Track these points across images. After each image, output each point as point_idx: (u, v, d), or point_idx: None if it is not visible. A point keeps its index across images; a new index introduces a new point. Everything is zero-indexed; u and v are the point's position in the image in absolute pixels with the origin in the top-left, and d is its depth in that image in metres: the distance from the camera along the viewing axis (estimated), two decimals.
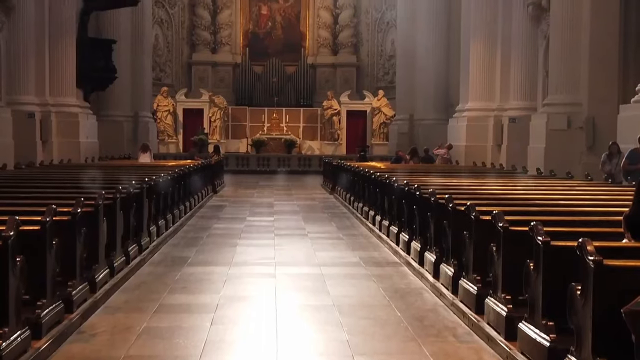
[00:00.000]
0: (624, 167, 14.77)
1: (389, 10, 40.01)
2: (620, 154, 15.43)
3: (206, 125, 38.45)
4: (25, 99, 22.25)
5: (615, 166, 15.46)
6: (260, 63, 41.73)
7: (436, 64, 32.88)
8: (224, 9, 41.56)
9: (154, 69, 37.87)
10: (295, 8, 42.49)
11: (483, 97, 25.33)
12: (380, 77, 41.12)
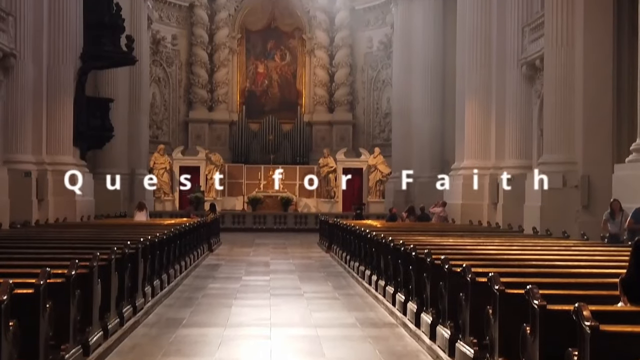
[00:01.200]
0: (629, 226, 14.42)
1: (384, 69, 40.44)
2: (622, 211, 15.10)
3: (202, 182, 38.53)
4: (22, 157, 22.29)
5: (620, 225, 15.03)
6: (257, 121, 41.97)
7: (432, 121, 33.16)
8: (221, 68, 41.94)
9: (151, 127, 38.09)
10: (292, 66, 42.90)
11: (478, 155, 25.42)
12: (376, 135, 41.34)
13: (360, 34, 41.94)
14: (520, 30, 23.59)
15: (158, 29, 39.28)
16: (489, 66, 24.92)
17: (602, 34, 19.17)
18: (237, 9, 42.33)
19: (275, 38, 42.73)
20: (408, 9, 34.74)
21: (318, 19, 41.91)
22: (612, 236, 15.00)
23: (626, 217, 14.69)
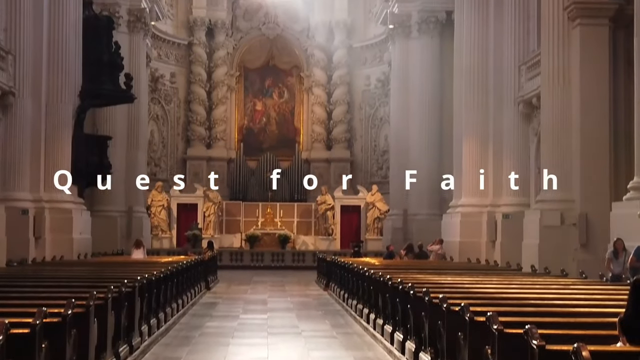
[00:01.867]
0: (631, 265, 14.30)
1: (382, 107, 40.61)
2: (625, 251, 14.98)
3: (200, 220, 38.48)
4: (20, 195, 22.30)
5: (623, 265, 14.88)
6: (255, 158, 42.05)
7: (429, 159, 33.25)
8: (219, 105, 42.10)
9: (149, 164, 38.12)
10: (290, 104, 43.08)
11: (476, 193, 25.44)
12: (374, 172, 41.39)
13: (357, 72, 42.17)
14: (517, 69, 23.75)
15: (157, 66, 39.50)
16: (486, 104, 25.05)
17: (598, 71, 19.31)
18: (235, 48, 42.60)
19: (274, 76, 42.96)
20: (405, 47, 34.98)
21: (316, 57, 42.17)
22: (616, 276, 14.87)
23: (629, 256, 14.60)
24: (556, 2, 19.74)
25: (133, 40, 33.15)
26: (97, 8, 29.00)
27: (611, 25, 19.34)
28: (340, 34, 41.83)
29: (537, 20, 22.12)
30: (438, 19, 33.70)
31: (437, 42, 33.79)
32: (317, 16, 41.86)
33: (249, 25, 42.61)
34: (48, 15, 23.59)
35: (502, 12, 24.54)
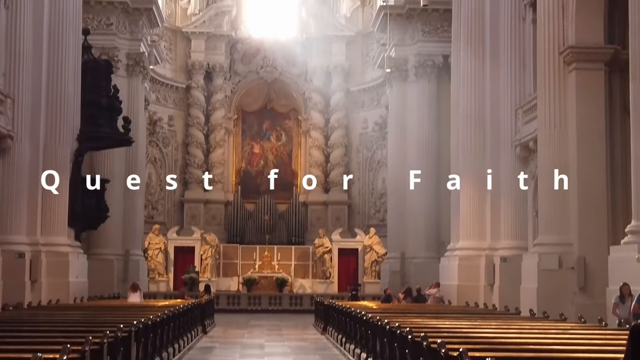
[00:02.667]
0: (634, 312, 14.13)
1: (379, 149, 40.72)
2: (632, 296, 14.75)
3: (197, 263, 38.36)
4: (16, 238, 22.23)
5: (629, 310, 14.64)
6: (252, 201, 42.04)
7: (427, 202, 33.28)
8: (217, 148, 42.20)
9: (146, 207, 38.10)
10: (287, 147, 43.20)
11: (474, 236, 25.41)
12: (371, 215, 41.36)
13: (355, 115, 42.37)
14: (513, 112, 23.85)
15: (155, 110, 39.66)
16: (483, 147, 25.12)
17: (595, 115, 19.39)
18: (233, 91, 42.84)
19: (271, 119, 43.13)
20: (402, 91, 35.20)
21: (313, 100, 42.39)
22: (622, 322, 14.68)
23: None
24: (552, 46, 19.88)
25: (132, 84, 33.37)
26: (96, 52, 29.21)
27: (607, 69, 19.47)
28: (338, 78, 42.10)
29: (533, 64, 22.27)
30: (435, 63, 33.98)
31: (434, 86, 34.03)
32: (315, 60, 42.16)
33: (247, 68, 42.90)
34: (47, 59, 23.72)
35: (498, 56, 24.72)
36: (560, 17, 19.80)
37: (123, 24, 33.32)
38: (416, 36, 34.33)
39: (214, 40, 42.14)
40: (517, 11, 24.00)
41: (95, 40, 29.50)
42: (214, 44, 42.17)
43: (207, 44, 42.04)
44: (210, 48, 42.06)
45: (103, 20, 32.64)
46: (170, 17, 41.98)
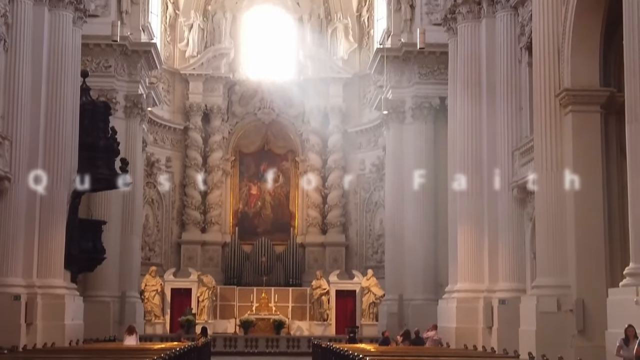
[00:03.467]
0: (637, 355, 13.95)
1: (377, 191, 40.73)
2: (637, 338, 14.45)
3: (194, 305, 38.14)
4: (12, 281, 22.15)
5: (634, 352, 14.26)
6: (250, 242, 41.92)
7: (424, 244, 33.19)
8: (214, 189, 42.18)
9: (143, 249, 37.98)
10: (285, 188, 43.20)
11: (472, 278, 25.31)
12: (369, 257, 41.25)
13: (352, 157, 42.45)
14: (510, 154, 23.93)
15: (152, 151, 39.70)
16: (480, 189, 25.13)
17: (591, 157, 19.44)
18: (231, 132, 42.93)
19: (269, 160, 43.18)
20: (399, 132, 35.27)
21: (311, 142, 42.48)
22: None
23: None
24: (548, 89, 20.00)
25: (130, 126, 33.47)
26: (94, 94, 29.35)
27: (603, 112, 19.57)
28: (335, 119, 42.26)
29: (530, 106, 22.40)
30: (432, 105, 34.13)
31: (430, 128, 34.14)
32: (312, 101, 42.34)
33: (245, 110, 43.04)
34: (46, 101, 23.84)
35: (494, 98, 24.87)
36: (556, 59, 19.95)
37: (122, 66, 33.50)
38: (413, 78, 34.51)
39: (212, 82, 42.35)
40: (513, 54, 24.22)
41: (94, 82, 29.65)
42: (212, 86, 42.37)
43: (205, 85, 42.25)
44: (208, 90, 42.25)
45: (102, 63, 32.81)
46: (169, 60, 42.25)
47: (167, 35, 42.54)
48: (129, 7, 33.69)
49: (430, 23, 33.59)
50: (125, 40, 32.81)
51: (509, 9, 24.33)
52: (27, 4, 23.23)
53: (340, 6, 43.39)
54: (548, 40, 20.10)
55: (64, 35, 24.49)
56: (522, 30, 23.57)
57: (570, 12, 19.51)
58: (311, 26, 43.31)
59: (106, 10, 32.88)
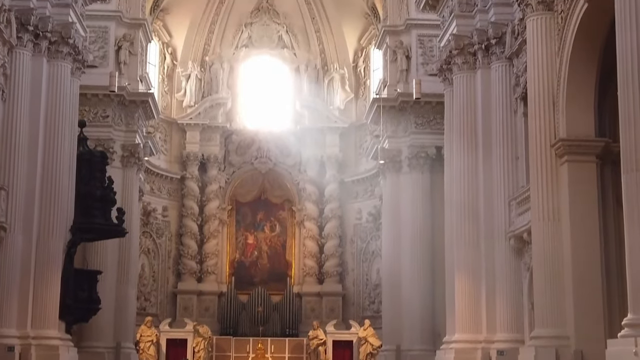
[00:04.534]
0: None
1: (373, 240, 40.67)
2: None
3: (190, 356, 37.78)
4: (6, 331, 21.95)
5: None
6: (246, 292, 41.72)
7: (422, 293, 33.02)
8: (211, 239, 42.09)
9: (139, 299, 37.72)
10: (281, 237, 43.14)
11: (470, 328, 25.08)
12: (366, 307, 41.03)
13: (349, 206, 42.47)
14: (507, 204, 23.91)
15: (149, 200, 39.70)
16: (477, 239, 25.05)
17: (588, 207, 19.43)
18: (227, 181, 43.00)
19: (265, 209, 43.19)
20: (396, 182, 35.33)
21: (307, 191, 42.53)
22: None
23: None
24: (543, 139, 20.07)
25: (126, 175, 33.49)
26: (91, 143, 29.38)
27: (598, 162, 19.62)
28: (332, 169, 42.37)
29: (526, 156, 22.45)
30: (428, 154, 34.23)
31: (427, 177, 34.20)
32: (309, 151, 42.49)
33: (242, 159, 43.17)
34: (43, 151, 23.88)
35: (490, 148, 24.92)
36: (551, 110, 20.06)
37: (119, 116, 33.64)
38: (409, 128, 34.67)
39: (209, 132, 42.53)
40: (508, 104, 24.34)
41: (91, 132, 29.72)
42: (209, 135, 42.55)
43: (202, 135, 42.41)
44: (205, 139, 42.41)
45: (99, 113, 32.93)
46: (166, 109, 42.47)
47: (165, 85, 42.85)
48: (127, 58, 33.96)
49: (426, 73, 33.86)
50: (123, 90, 32.99)
51: (503, 60, 24.52)
52: (26, 55, 23.41)
53: (337, 57, 43.80)
54: (543, 90, 20.24)
55: (62, 86, 24.62)
56: (517, 81, 23.73)
57: (564, 63, 19.69)
58: (308, 76, 43.65)
59: (104, 61, 33.16)
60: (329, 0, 43.00)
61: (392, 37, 35.49)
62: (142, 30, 34.78)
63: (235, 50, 44.16)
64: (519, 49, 23.15)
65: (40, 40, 23.83)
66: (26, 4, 23.27)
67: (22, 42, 23.22)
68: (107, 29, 33.52)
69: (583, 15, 18.85)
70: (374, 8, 39.96)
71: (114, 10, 33.55)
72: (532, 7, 20.61)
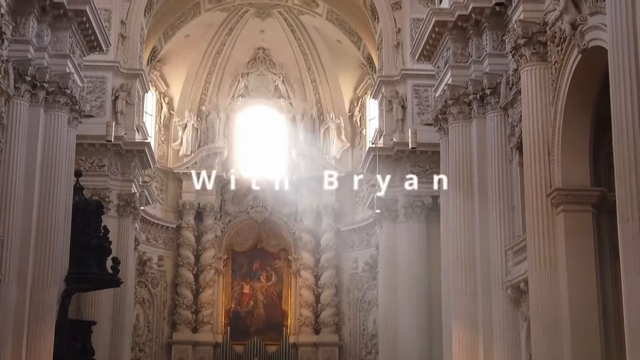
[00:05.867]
0: None
1: (370, 290, 40.49)
2: None
3: None
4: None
5: None
6: (242, 342, 41.43)
7: (419, 342, 32.78)
8: (207, 289, 41.91)
9: (133, 349, 37.39)
10: (277, 287, 42.98)
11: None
12: (362, 357, 40.72)
13: (345, 255, 42.38)
14: (503, 253, 23.84)
15: (145, 250, 39.56)
16: (474, 289, 24.92)
17: (584, 257, 19.37)
18: (223, 231, 42.95)
19: (261, 259, 43.11)
20: (392, 231, 35.26)
21: (304, 240, 42.48)
22: None
23: None
24: (539, 188, 20.09)
25: (122, 225, 33.37)
26: (87, 193, 29.35)
27: (594, 211, 19.63)
28: (328, 218, 42.37)
29: (522, 205, 22.45)
30: (424, 204, 34.22)
31: (423, 226, 34.14)
32: (305, 200, 42.55)
33: (238, 208, 43.19)
34: (38, 201, 23.80)
35: (486, 197, 24.91)
36: (546, 159, 20.11)
37: (115, 166, 33.65)
38: (405, 177, 34.74)
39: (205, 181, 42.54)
40: (504, 154, 24.38)
41: (87, 181, 29.71)
42: (205, 185, 42.54)
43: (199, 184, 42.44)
44: (201, 188, 42.41)
45: (96, 162, 32.94)
46: (162, 159, 42.58)
47: (162, 134, 43.04)
48: (124, 108, 34.08)
49: (422, 123, 34.05)
50: (120, 140, 33.06)
51: (498, 110, 24.64)
52: (23, 105, 23.46)
53: (333, 106, 44.09)
54: (538, 140, 20.32)
55: (58, 136, 24.64)
56: (512, 131, 23.83)
57: (559, 113, 19.81)
58: (304, 126, 43.91)
59: (101, 111, 33.28)
60: (325, 51, 43.42)
61: (388, 87, 35.73)
62: (139, 81, 34.97)
63: (231, 99, 44.48)
64: (514, 99, 23.30)
65: (37, 90, 23.91)
66: (24, 55, 23.40)
67: (20, 92, 23.29)
68: (104, 79, 33.69)
69: (577, 66, 19.03)
70: (369, 58, 40.32)
71: (111, 60, 33.74)
72: (526, 58, 20.80)
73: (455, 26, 25.59)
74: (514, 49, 21.30)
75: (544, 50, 20.57)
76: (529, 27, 20.64)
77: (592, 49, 18.13)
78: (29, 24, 23.57)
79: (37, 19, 23.92)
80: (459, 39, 25.95)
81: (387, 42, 35.94)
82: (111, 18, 34.02)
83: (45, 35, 24.34)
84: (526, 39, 20.66)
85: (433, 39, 26.70)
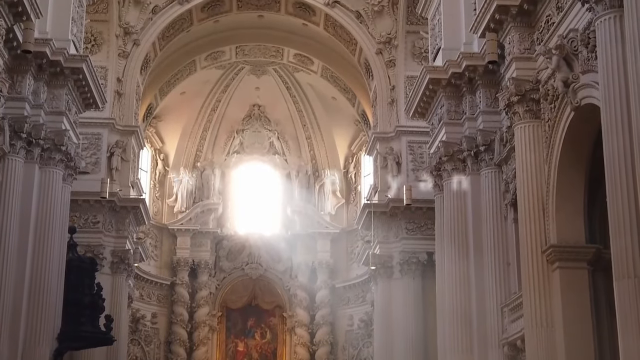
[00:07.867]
0: None
1: (365, 347, 40.14)
2: None
3: None
4: None
5: None
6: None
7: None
8: (200, 346, 41.49)
9: None
10: (272, 344, 42.61)
11: None
12: None
13: (341, 312, 42.09)
14: (499, 310, 23.69)
15: (138, 307, 39.23)
16: (470, 346, 24.69)
17: (581, 314, 19.28)
18: (218, 287, 42.72)
19: (256, 316, 42.81)
20: (387, 288, 35.05)
21: (299, 297, 42.22)
22: None
23: None
24: (534, 245, 20.06)
25: (116, 282, 33.14)
26: (81, 249, 29.18)
27: (590, 268, 19.58)
28: (323, 274, 42.18)
29: (517, 261, 22.39)
30: (419, 260, 34.07)
31: (419, 283, 33.95)
32: (300, 257, 42.42)
33: (232, 265, 43.03)
34: (32, 258, 23.69)
35: (481, 254, 24.84)
36: (541, 216, 20.12)
37: (110, 222, 33.53)
38: (400, 234, 34.64)
39: (199, 237, 42.50)
40: (498, 210, 24.39)
41: (81, 237, 29.55)
42: (200, 241, 42.49)
43: (193, 240, 42.35)
44: (195, 245, 42.32)
45: (90, 218, 32.81)
46: (157, 215, 42.52)
47: (156, 191, 43.05)
48: (119, 165, 34.11)
49: (417, 179, 34.05)
50: (114, 196, 33.01)
51: (493, 167, 24.72)
52: (18, 161, 23.48)
53: (328, 163, 44.25)
54: (532, 197, 20.35)
55: (53, 193, 24.63)
56: (507, 187, 23.89)
57: (553, 170, 19.87)
58: (299, 182, 43.99)
59: (96, 168, 33.27)
60: (320, 108, 43.73)
61: (382, 144, 35.86)
62: (134, 137, 35.07)
63: (226, 156, 44.63)
64: (508, 155, 23.40)
65: (33, 147, 23.97)
66: (20, 112, 23.49)
67: (15, 149, 23.32)
68: (100, 136, 33.76)
69: (570, 123, 19.17)
70: (364, 115, 40.60)
71: (107, 117, 33.87)
72: (520, 115, 20.93)
73: (449, 84, 25.82)
74: (507, 106, 21.44)
75: (537, 107, 20.72)
76: (522, 84, 20.81)
77: (585, 107, 18.28)
78: (25, 82, 23.74)
79: (33, 76, 24.08)
80: (453, 97, 26.17)
81: (381, 99, 36.19)
82: (107, 75, 34.26)
83: (42, 92, 24.49)
84: (519, 97, 20.82)
85: (427, 96, 26.91)
